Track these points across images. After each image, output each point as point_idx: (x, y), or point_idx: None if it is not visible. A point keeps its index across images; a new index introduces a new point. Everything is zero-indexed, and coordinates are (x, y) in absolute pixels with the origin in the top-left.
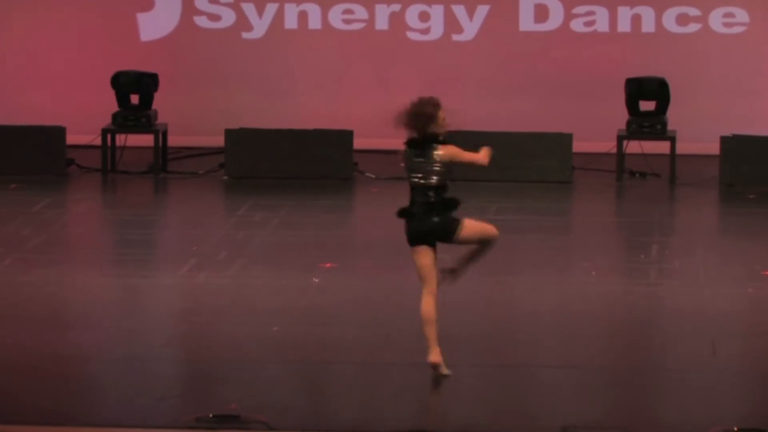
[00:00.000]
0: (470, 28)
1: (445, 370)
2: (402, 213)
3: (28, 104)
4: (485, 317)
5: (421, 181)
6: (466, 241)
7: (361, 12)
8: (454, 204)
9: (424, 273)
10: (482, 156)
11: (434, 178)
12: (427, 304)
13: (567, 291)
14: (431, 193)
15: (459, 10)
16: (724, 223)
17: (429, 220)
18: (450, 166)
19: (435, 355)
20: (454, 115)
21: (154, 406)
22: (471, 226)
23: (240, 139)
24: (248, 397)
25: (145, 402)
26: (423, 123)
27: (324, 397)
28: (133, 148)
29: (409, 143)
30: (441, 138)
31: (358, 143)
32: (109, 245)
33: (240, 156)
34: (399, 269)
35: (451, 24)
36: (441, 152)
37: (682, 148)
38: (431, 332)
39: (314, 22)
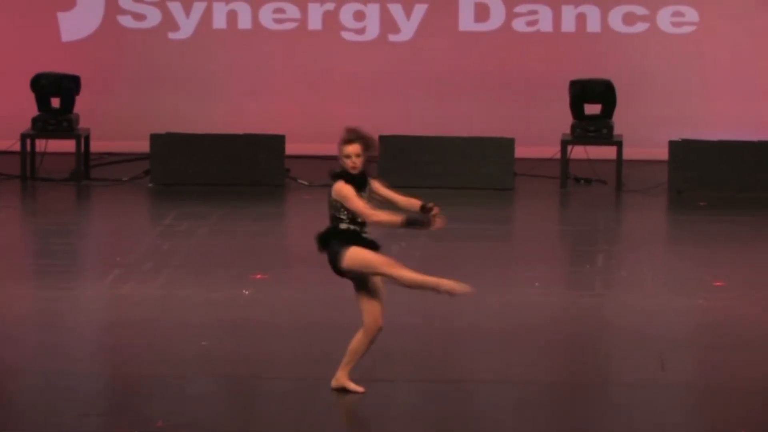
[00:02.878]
0: (407, 27)
1: (353, 387)
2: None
3: None
4: (422, 330)
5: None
6: (354, 272)
7: (293, 11)
8: (329, 234)
9: (359, 306)
10: (375, 214)
11: (332, 211)
12: (356, 335)
13: (508, 303)
14: (330, 225)
15: (396, 9)
16: (674, 231)
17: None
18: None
19: (335, 381)
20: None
21: (77, 423)
22: (353, 256)
23: (166, 145)
24: (175, 414)
25: (67, 419)
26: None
27: (255, 414)
28: (53, 154)
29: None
30: (338, 172)
31: (290, 148)
32: (28, 256)
33: (166, 162)
34: (333, 281)
35: (388, 24)
36: (335, 188)
37: (629, 153)
38: (346, 357)
39: (244, 22)
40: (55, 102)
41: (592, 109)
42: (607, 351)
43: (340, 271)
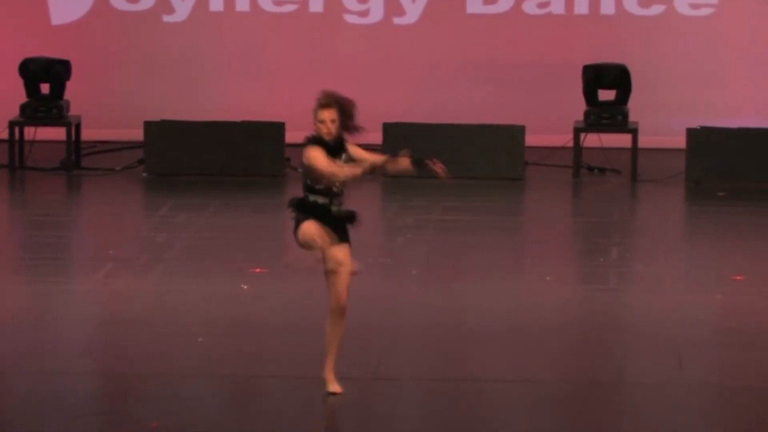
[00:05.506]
0: (413, 10)
1: (331, 387)
2: None
3: None
4: (431, 327)
5: None
6: (305, 246)
7: None
8: (299, 204)
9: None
10: (342, 171)
11: (306, 179)
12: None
13: (519, 298)
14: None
15: None
16: (691, 222)
17: None
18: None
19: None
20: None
21: (69, 424)
22: (303, 231)
23: (161, 133)
24: (171, 415)
25: (58, 420)
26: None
27: (254, 414)
28: (43, 142)
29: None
30: (312, 138)
31: (291, 136)
32: (17, 249)
33: (161, 151)
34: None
35: (392, 6)
36: (306, 152)
37: (644, 141)
38: (326, 347)
39: (242, 4)
40: (45, 88)
41: (606, 95)
42: (622, 348)
43: (298, 243)
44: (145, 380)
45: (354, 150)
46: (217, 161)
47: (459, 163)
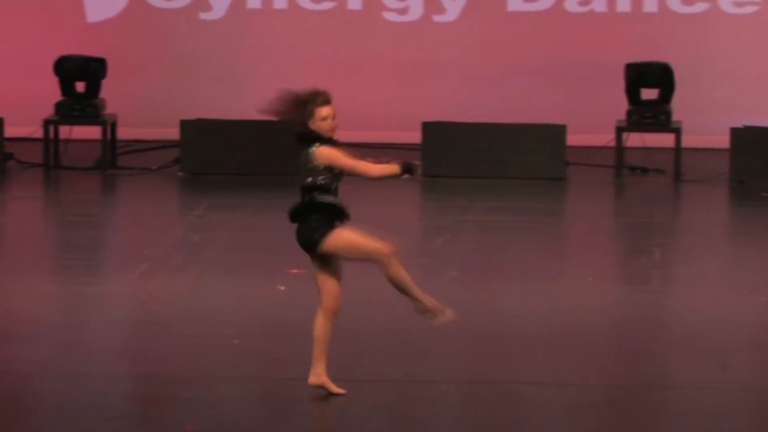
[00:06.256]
0: (453, 7)
1: (335, 389)
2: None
3: None
4: (469, 328)
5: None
6: (336, 255)
7: None
8: (318, 208)
9: (316, 284)
10: (374, 168)
11: (308, 179)
12: (316, 320)
13: (560, 299)
14: (305, 196)
15: None
16: (735, 223)
17: (297, 224)
18: (332, 169)
19: (314, 376)
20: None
21: (102, 427)
22: (340, 238)
23: (197, 131)
24: (206, 418)
25: (91, 423)
26: (302, 115)
27: (290, 416)
28: (78, 141)
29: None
30: (326, 138)
31: None
32: (51, 249)
33: (197, 150)
34: (372, 276)
35: (432, 3)
36: (318, 152)
37: (688, 140)
38: (316, 350)
39: (280, 2)
40: (80, 86)
41: (649, 94)
42: (664, 351)
43: (313, 250)
44: (180, 383)
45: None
46: (253, 160)
47: (499, 162)
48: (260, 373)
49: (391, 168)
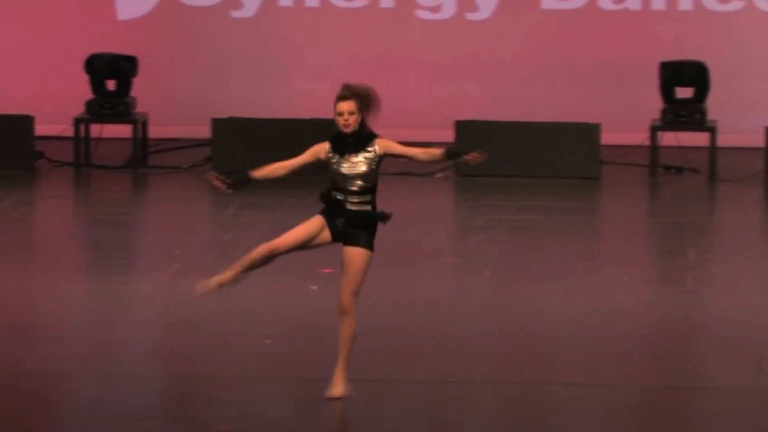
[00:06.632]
0: (486, 5)
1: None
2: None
3: None
4: (502, 328)
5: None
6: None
7: None
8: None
9: None
10: (426, 151)
11: (360, 181)
12: None
13: (594, 299)
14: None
15: None
16: None
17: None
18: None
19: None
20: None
21: (133, 428)
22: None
23: (228, 130)
24: (238, 418)
25: (122, 423)
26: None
27: (322, 417)
28: (109, 139)
29: None
30: (335, 134)
31: None
32: (81, 248)
33: (228, 148)
34: (405, 276)
35: (465, 1)
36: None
37: (723, 139)
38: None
39: None
40: (111, 84)
41: (684, 92)
42: (699, 352)
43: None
44: (212, 383)
45: (386, 145)
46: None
47: (533, 161)
48: (292, 373)
49: (440, 151)
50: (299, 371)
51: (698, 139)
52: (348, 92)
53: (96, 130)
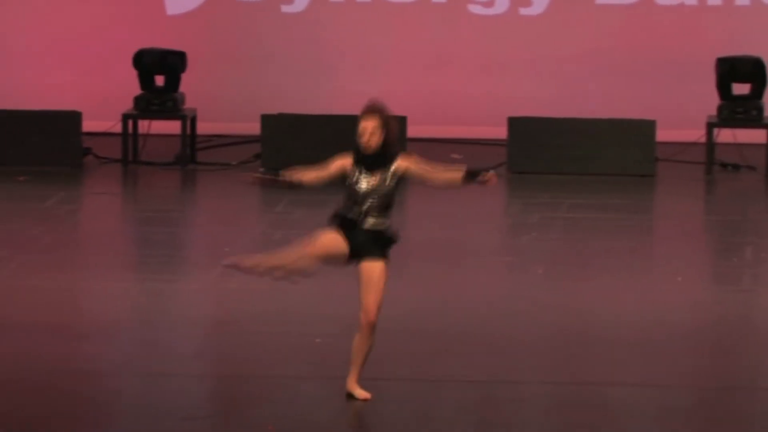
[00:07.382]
0: (540, 1)
1: (361, 394)
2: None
3: (40, 87)
4: (555, 328)
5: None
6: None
7: None
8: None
9: None
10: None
11: (383, 199)
12: None
13: (648, 299)
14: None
15: None
16: None
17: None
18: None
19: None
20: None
21: (180, 427)
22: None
23: (278, 126)
24: (287, 418)
25: (169, 423)
26: None
27: (372, 417)
28: (157, 135)
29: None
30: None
31: (411, 131)
32: (129, 245)
33: (278, 145)
34: (451, 276)
35: None
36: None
37: None
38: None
39: None
40: (160, 80)
41: (741, 89)
42: (754, 352)
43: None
44: (260, 381)
45: (407, 166)
46: (335, 155)
47: (587, 158)
48: (343, 372)
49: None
50: (348, 370)
51: (755, 136)
52: (370, 110)
53: (144, 126)
